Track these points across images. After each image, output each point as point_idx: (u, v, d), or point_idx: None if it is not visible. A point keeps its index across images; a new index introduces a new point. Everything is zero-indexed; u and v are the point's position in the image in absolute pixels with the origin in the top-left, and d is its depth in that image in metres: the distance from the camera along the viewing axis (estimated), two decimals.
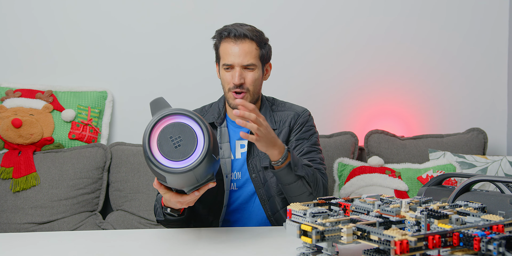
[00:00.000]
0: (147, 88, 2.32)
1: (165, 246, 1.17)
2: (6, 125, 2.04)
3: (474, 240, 0.78)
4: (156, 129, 1.04)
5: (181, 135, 1.03)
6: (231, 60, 1.41)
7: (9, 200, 1.96)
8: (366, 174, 2.01)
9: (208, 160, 1.03)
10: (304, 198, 1.34)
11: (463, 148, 2.18)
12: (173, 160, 1.02)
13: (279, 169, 1.28)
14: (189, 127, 1.04)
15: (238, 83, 1.40)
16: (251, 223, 1.48)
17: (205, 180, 1.09)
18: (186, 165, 1.02)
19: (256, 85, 1.44)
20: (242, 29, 1.41)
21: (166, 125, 1.04)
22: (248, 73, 1.42)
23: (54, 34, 2.29)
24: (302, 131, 1.50)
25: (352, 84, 2.39)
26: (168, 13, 2.33)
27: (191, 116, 1.04)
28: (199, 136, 1.03)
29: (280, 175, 1.30)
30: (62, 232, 1.40)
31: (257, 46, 1.43)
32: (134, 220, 1.99)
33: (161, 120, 1.04)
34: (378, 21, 2.39)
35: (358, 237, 0.84)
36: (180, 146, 1.02)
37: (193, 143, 1.02)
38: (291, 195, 1.34)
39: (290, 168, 1.28)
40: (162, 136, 1.03)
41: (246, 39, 1.41)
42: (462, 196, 1.08)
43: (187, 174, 1.02)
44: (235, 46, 1.41)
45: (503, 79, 2.44)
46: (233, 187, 1.47)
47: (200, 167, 1.02)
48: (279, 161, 1.27)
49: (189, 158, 1.02)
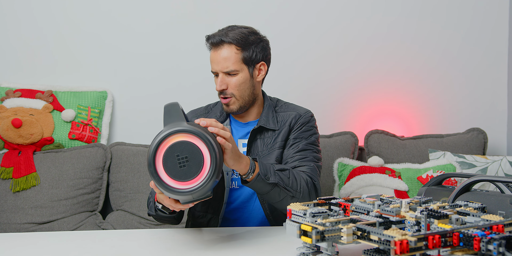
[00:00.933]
0: (147, 88, 2.32)
1: (165, 246, 1.17)
2: (6, 125, 2.04)
3: (474, 240, 0.78)
4: (165, 144, 1.01)
5: (189, 156, 1.00)
6: (213, 68, 1.44)
7: (9, 200, 1.96)
8: (366, 174, 2.01)
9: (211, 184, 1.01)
10: (288, 202, 1.31)
11: (463, 148, 2.18)
12: (175, 179, 1.00)
13: (251, 181, 1.24)
14: (199, 150, 1.00)
15: (219, 89, 1.42)
16: (251, 222, 1.48)
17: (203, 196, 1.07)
18: (186, 187, 0.99)
19: (242, 88, 1.43)
20: (220, 34, 1.42)
21: (176, 142, 1.01)
22: (231, 78, 1.42)
23: (54, 34, 2.29)
24: (302, 131, 1.48)
25: (352, 84, 2.39)
26: (168, 13, 2.33)
27: (204, 138, 1.00)
28: (206, 161, 1.00)
29: (254, 187, 1.26)
30: (62, 232, 1.40)
31: (237, 50, 1.41)
32: (134, 220, 1.99)
33: (172, 134, 1.01)
34: (378, 21, 2.39)
35: (358, 237, 0.84)
36: (185, 167, 1.00)
37: (199, 166, 1.00)
38: (273, 202, 1.32)
39: (261, 178, 1.24)
40: (170, 152, 1.00)
41: (224, 44, 1.41)
42: (462, 196, 1.08)
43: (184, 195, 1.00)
44: (214, 53, 1.43)
45: (503, 79, 2.44)
46: (234, 185, 1.47)
47: (200, 191, 1.00)
48: (248, 172, 1.23)
49: (191, 180, 1.00)
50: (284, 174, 1.30)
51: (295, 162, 1.42)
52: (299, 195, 1.32)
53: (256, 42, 1.44)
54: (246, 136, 1.49)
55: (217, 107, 1.56)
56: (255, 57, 1.44)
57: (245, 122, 1.52)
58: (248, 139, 1.45)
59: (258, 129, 1.47)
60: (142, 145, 2.16)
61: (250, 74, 1.44)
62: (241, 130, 1.51)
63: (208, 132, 1.03)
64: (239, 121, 1.52)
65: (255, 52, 1.44)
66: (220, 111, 1.53)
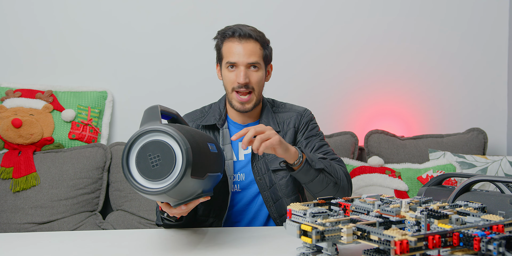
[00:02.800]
0: (147, 88, 2.32)
1: (165, 246, 1.17)
2: (6, 125, 2.04)
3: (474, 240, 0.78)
4: (137, 144, 1.00)
5: (160, 155, 0.98)
6: (235, 59, 1.40)
7: (9, 200, 1.96)
8: (366, 174, 2.01)
9: (186, 183, 0.97)
10: (331, 190, 1.34)
11: (463, 148, 2.18)
12: (149, 179, 0.98)
13: (298, 168, 1.28)
14: (169, 147, 0.98)
15: (243, 82, 1.39)
16: (253, 224, 1.48)
17: (192, 197, 1.05)
18: (160, 187, 0.97)
19: (260, 85, 1.44)
20: (246, 29, 1.42)
21: (148, 141, 0.99)
22: (253, 73, 1.42)
23: (54, 34, 2.29)
24: (309, 129, 1.51)
25: (352, 84, 2.39)
26: (168, 13, 2.33)
27: (174, 136, 0.98)
28: (178, 159, 0.97)
29: (301, 174, 1.30)
30: (62, 232, 1.40)
31: (260, 47, 1.43)
32: (134, 220, 1.99)
33: (143, 134, 0.99)
34: (377, 21, 2.39)
35: (358, 237, 0.84)
36: (157, 166, 0.97)
37: (171, 165, 0.97)
38: (317, 191, 1.34)
39: (309, 164, 1.28)
40: (142, 152, 0.99)
41: (251, 39, 1.41)
42: (462, 196, 1.08)
43: (161, 195, 0.98)
44: (239, 45, 1.40)
45: (503, 79, 2.44)
46: (236, 188, 1.46)
47: (175, 190, 0.97)
48: (299, 157, 1.28)
49: (163, 179, 0.97)
50: (326, 161, 1.35)
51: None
52: (341, 182, 1.36)
53: (269, 44, 1.48)
54: None
55: (213, 109, 1.53)
56: (270, 57, 1.48)
57: (244, 124, 1.51)
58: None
59: None
60: None
61: (265, 72, 1.47)
62: None
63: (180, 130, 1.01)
64: (238, 123, 1.51)
65: (270, 53, 1.48)
66: (219, 114, 1.50)
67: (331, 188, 1.34)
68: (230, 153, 1.46)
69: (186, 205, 1.08)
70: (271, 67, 1.52)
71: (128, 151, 1.00)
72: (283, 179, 1.44)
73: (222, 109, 1.52)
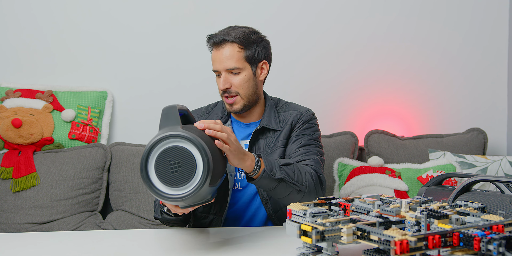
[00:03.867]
0: (147, 88, 2.32)
1: (165, 246, 1.17)
2: (6, 125, 2.04)
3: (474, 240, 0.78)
4: (158, 148, 0.99)
5: (181, 161, 0.98)
6: (215, 67, 1.43)
7: (9, 200, 1.96)
8: (366, 174, 2.01)
9: (203, 190, 0.98)
10: (294, 196, 1.30)
11: (463, 148, 2.18)
12: (167, 185, 0.98)
13: (257, 178, 1.23)
14: (191, 155, 0.98)
15: (223, 88, 1.41)
16: (253, 222, 1.48)
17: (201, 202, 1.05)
18: (178, 193, 0.97)
19: (246, 87, 1.42)
20: (222, 33, 1.42)
21: (169, 147, 0.99)
22: (234, 77, 1.42)
23: (54, 34, 2.29)
24: (304, 128, 1.49)
25: (352, 84, 2.39)
26: (168, 13, 2.33)
27: (196, 144, 0.98)
28: (198, 167, 0.98)
29: (261, 184, 1.25)
30: (62, 232, 1.40)
31: (239, 48, 1.41)
32: (134, 220, 1.99)
33: (165, 139, 0.99)
34: (378, 21, 2.39)
35: (358, 237, 0.84)
36: (177, 173, 0.98)
37: (191, 172, 0.97)
38: (280, 197, 1.31)
39: (267, 174, 1.23)
40: (162, 157, 0.98)
41: (226, 43, 1.41)
42: (462, 196, 1.08)
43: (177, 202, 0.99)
44: (216, 52, 1.42)
45: (503, 79, 2.44)
46: (237, 186, 1.47)
47: (191, 198, 0.98)
48: (254, 169, 1.22)
49: (182, 186, 0.98)
50: (289, 168, 1.30)
51: (299, 156, 1.42)
52: (305, 189, 1.31)
53: (258, 41, 1.45)
54: (248, 137, 1.49)
55: (218, 107, 1.56)
56: (258, 55, 1.45)
57: (247, 123, 1.51)
58: (250, 140, 1.45)
59: (260, 130, 1.46)
60: (142, 145, 2.16)
61: (253, 72, 1.45)
62: (243, 131, 1.51)
63: (202, 137, 1.01)
64: (240, 121, 1.52)
65: (257, 51, 1.44)
66: (222, 111, 1.52)
67: (295, 194, 1.30)
68: None
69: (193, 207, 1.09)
70: (265, 64, 1.48)
71: (147, 154, 0.99)
72: None
73: (225, 107, 1.52)
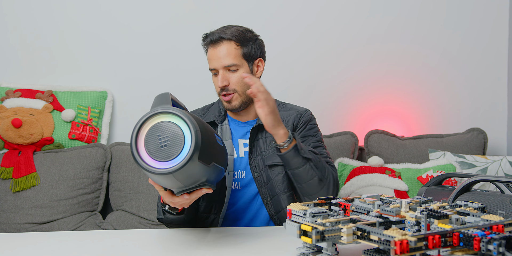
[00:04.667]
0: (147, 88, 2.32)
1: (165, 246, 1.17)
2: (6, 125, 2.04)
3: (474, 240, 0.78)
4: (148, 124, 1.02)
5: (170, 136, 0.99)
6: (212, 65, 1.43)
7: (9, 200, 1.96)
8: (366, 174, 2.01)
9: (193, 166, 0.99)
10: (315, 185, 1.33)
11: (463, 148, 2.18)
12: (156, 159, 0.99)
13: (286, 151, 1.30)
14: (179, 129, 1.00)
15: (221, 85, 1.42)
16: (254, 223, 1.48)
17: (195, 185, 1.06)
18: (167, 167, 0.98)
19: (243, 84, 1.43)
20: (218, 32, 1.43)
21: (158, 122, 1.01)
22: (232, 74, 1.42)
23: (54, 34, 2.29)
24: (307, 129, 1.51)
25: (352, 84, 2.39)
26: (168, 13, 2.33)
27: (184, 119, 1.00)
28: (187, 140, 0.99)
29: (288, 158, 1.31)
30: (62, 232, 1.40)
31: (236, 46, 1.42)
32: (134, 220, 1.99)
33: (154, 116, 1.02)
34: (378, 21, 2.39)
35: (358, 237, 0.84)
36: (166, 147, 0.99)
37: (179, 146, 0.98)
38: (302, 182, 1.34)
39: (297, 149, 1.29)
40: (151, 132, 1.01)
41: (223, 40, 1.42)
42: (462, 196, 1.08)
43: (167, 176, 0.99)
44: (213, 50, 1.43)
45: (503, 79, 2.44)
46: (236, 186, 1.47)
47: (181, 172, 0.98)
48: (287, 140, 1.29)
49: (171, 160, 0.98)
50: (316, 156, 1.35)
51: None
52: (326, 181, 1.35)
53: (253, 39, 1.47)
54: (246, 135, 1.50)
55: (214, 107, 1.56)
56: (254, 53, 1.46)
57: (244, 122, 1.52)
58: (249, 139, 1.45)
59: (259, 128, 1.47)
60: None
61: (250, 70, 1.46)
62: (241, 129, 1.51)
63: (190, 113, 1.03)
64: (237, 120, 1.52)
65: (253, 48, 1.46)
66: (218, 111, 1.53)
67: (316, 183, 1.33)
68: (231, 149, 1.47)
69: (189, 195, 1.10)
70: (261, 62, 1.50)
71: (138, 130, 1.02)
72: (279, 175, 1.44)
73: (222, 107, 1.54)
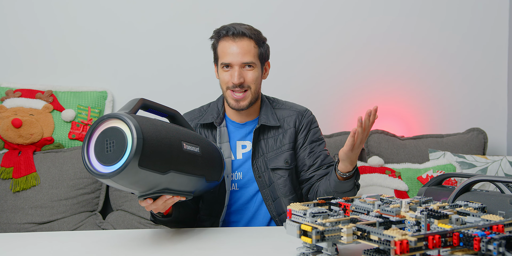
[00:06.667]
0: (147, 87, 2.32)
1: (165, 246, 1.17)
2: (6, 125, 2.04)
3: (474, 240, 0.78)
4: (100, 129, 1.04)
5: (115, 141, 1.01)
6: (229, 59, 1.40)
7: (9, 200, 1.96)
8: (366, 174, 2.01)
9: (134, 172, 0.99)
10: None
11: (463, 148, 2.18)
12: (102, 163, 1.01)
13: (347, 180, 1.34)
14: (123, 134, 1.01)
15: (238, 82, 1.39)
16: (253, 223, 1.47)
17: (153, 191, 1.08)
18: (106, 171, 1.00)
19: (256, 83, 1.44)
20: (240, 28, 1.41)
21: (108, 127, 1.03)
22: (248, 72, 1.41)
23: (54, 34, 2.29)
24: (311, 134, 1.52)
25: (352, 84, 2.39)
26: (168, 12, 2.33)
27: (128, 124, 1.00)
28: (128, 146, 0.99)
29: (344, 185, 1.34)
30: (62, 232, 1.40)
31: (255, 45, 1.42)
32: (134, 220, 1.99)
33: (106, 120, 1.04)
34: (377, 21, 2.39)
35: (358, 237, 0.84)
36: (111, 152, 1.01)
37: (122, 151, 0.99)
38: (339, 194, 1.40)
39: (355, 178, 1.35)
40: (101, 138, 1.03)
41: (245, 37, 1.40)
42: (462, 196, 1.08)
43: (107, 180, 1.00)
44: (233, 45, 1.40)
45: (503, 79, 2.44)
46: (234, 187, 1.46)
47: (121, 177, 0.99)
48: (355, 168, 1.33)
49: (112, 165, 1.00)
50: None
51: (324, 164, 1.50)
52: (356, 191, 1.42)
53: (265, 41, 1.47)
54: (245, 137, 1.49)
55: (211, 108, 1.54)
56: (266, 55, 1.48)
57: (243, 123, 1.51)
58: (253, 140, 1.45)
59: (260, 129, 1.46)
60: None
61: (261, 70, 1.46)
62: (239, 131, 1.50)
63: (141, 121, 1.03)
64: (235, 122, 1.51)
65: (266, 50, 1.47)
66: (217, 112, 1.51)
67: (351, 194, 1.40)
68: (228, 152, 1.46)
69: (154, 202, 1.12)
70: (268, 65, 1.52)
71: (90, 135, 1.04)
72: (281, 178, 1.44)
73: (220, 107, 1.52)
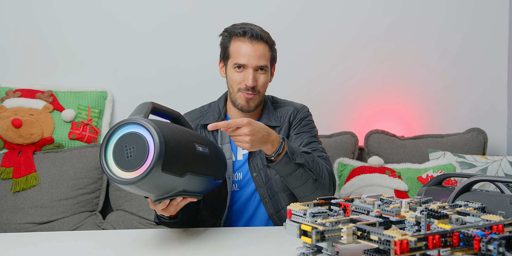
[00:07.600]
0: (147, 88, 2.32)
1: (165, 246, 1.17)
2: (6, 125, 2.04)
3: (474, 240, 0.78)
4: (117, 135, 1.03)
5: (136, 146, 1.00)
6: (244, 61, 1.39)
7: (9, 200, 1.96)
8: (366, 174, 2.01)
9: (157, 177, 0.99)
10: (309, 186, 1.30)
11: (463, 148, 2.18)
12: (122, 169, 1.00)
13: (276, 161, 1.24)
14: (144, 139, 1.00)
15: (252, 85, 1.39)
16: (253, 222, 1.47)
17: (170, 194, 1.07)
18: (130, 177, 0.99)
19: (265, 87, 1.45)
20: (257, 30, 1.40)
21: (126, 133, 1.02)
22: (260, 76, 1.41)
23: (54, 34, 2.29)
24: (302, 125, 1.49)
25: (352, 84, 2.39)
26: (168, 13, 2.33)
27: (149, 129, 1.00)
28: (150, 151, 0.99)
29: (279, 167, 1.25)
30: (62, 232, 1.40)
31: (269, 49, 1.43)
32: (134, 220, 1.99)
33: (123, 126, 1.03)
34: (378, 21, 2.39)
35: (358, 237, 0.84)
36: (131, 157, 1.00)
37: (143, 157, 0.99)
38: (295, 186, 1.30)
39: (288, 157, 1.24)
40: (119, 143, 1.02)
41: (262, 40, 1.40)
42: (462, 196, 1.08)
43: (131, 186, 0.99)
44: (250, 47, 1.39)
45: (503, 79, 2.44)
46: (234, 187, 1.46)
47: (144, 182, 0.98)
48: (276, 151, 1.23)
49: (135, 171, 0.99)
50: (309, 156, 1.30)
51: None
52: (321, 180, 1.31)
53: (275, 45, 1.48)
54: None
55: (212, 108, 1.53)
56: (275, 59, 1.48)
57: None
58: None
59: None
60: None
61: (270, 74, 1.47)
62: None
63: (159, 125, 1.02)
64: None
65: (275, 54, 1.48)
66: (218, 113, 1.50)
67: (310, 184, 1.30)
68: (229, 153, 1.46)
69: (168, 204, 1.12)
70: (274, 68, 1.52)
71: (107, 141, 1.03)
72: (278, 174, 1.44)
73: (222, 108, 1.51)
